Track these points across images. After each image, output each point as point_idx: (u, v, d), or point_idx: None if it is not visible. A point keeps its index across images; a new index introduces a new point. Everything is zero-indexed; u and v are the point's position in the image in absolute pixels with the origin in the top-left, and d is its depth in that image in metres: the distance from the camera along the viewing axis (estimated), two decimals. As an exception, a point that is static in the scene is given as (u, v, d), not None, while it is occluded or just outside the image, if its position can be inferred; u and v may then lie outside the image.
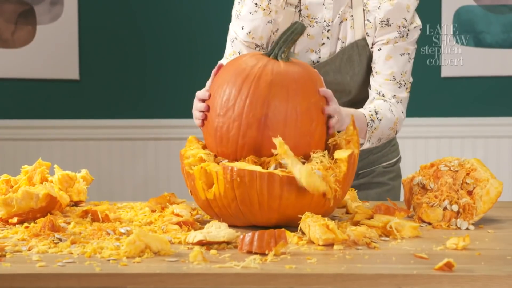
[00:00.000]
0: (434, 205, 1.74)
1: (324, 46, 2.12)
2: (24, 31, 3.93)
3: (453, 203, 1.72)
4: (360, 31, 2.12)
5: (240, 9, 2.12)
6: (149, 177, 3.98)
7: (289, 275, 1.29)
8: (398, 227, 1.58)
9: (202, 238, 1.49)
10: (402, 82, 2.11)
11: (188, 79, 3.97)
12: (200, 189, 1.70)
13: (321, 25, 2.11)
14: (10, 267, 1.35)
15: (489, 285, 1.27)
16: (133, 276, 1.30)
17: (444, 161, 1.84)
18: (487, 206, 1.71)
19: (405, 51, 2.11)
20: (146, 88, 3.97)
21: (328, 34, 2.11)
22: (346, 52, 2.11)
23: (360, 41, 2.11)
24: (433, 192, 1.77)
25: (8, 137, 3.97)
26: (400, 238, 1.57)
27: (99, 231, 1.60)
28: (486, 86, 3.93)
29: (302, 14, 2.11)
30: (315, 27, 2.11)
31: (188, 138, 1.86)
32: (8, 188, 1.89)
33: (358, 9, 2.11)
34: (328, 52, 2.12)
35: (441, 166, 1.81)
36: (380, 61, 2.10)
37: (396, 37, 2.09)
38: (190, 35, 3.95)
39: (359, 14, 2.11)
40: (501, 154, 3.92)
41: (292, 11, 2.10)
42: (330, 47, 2.12)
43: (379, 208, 1.71)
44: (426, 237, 1.59)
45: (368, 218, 1.69)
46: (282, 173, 1.62)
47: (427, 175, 1.81)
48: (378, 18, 2.09)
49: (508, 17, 3.88)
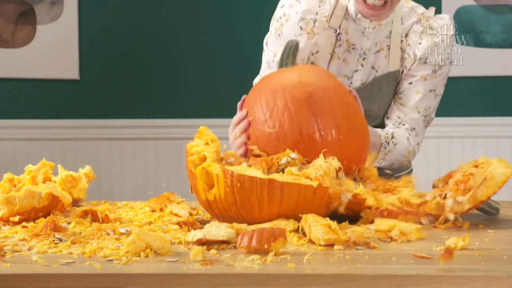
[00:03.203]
0: (435, 196, 1.74)
1: (357, 73, 2.13)
2: (24, 31, 3.93)
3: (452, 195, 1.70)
4: (395, 63, 2.13)
5: (281, 28, 2.11)
6: (149, 177, 3.98)
7: (289, 275, 1.29)
8: (404, 230, 1.57)
9: (202, 236, 1.48)
10: (424, 116, 2.16)
11: (188, 79, 3.97)
12: (201, 189, 1.69)
13: (358, 52, 2.11)
14: (10, 267, 1.35)
15: (489, 285, 1.27)
16: (133, 276, 1.30)
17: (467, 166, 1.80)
18: (492, 190, 1.66)
19: (433, 88, 2.15)
20: (146, 88, 3.97)
21: (363, 62, 2.12)
22: (378, 82, 2.13)
23: (393, 73, 2.13)
24: (440, 189, 1.76)
25: (8, 137, 3.97)
26: (405, 241, 1.55)
27: (99, 231, 1.60)
28: (486, 86, 3.93)
29: (342, 38, 2.11)
30: (352, 53, 2.11)
31: (199, 129, 1.84)
32: (11, 187, 1.89)
33: (396, 41, 2.12)
34: (360, 79, 2.13)
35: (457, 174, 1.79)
36: (409, 93, 2.14)
37: (430, 74, 2.13)
38: (190, 35, 3.95)
39: (396, 46, 2.12)
40: (501, 154, 3.92)
41: (332, 35, 2.10)
42: (362, 75, 2.13)
43: (382, 212, 1.68)
44: (426, 237, 1.59)
45: None
46: (283, 179, 1.61)
47: (443, 179, 1.81)
48: (418, 54, 2.11)
49: (508, 17, 3.88)
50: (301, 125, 1.74)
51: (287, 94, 1.76)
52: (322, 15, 2.08)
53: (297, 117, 1.74)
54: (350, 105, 1.80)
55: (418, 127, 2.16)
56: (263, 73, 2.16)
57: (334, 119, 1.75)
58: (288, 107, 1.75)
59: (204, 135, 1.82)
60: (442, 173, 4.03)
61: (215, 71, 3.96)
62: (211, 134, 1.83)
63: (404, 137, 2.12)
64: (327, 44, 2.10)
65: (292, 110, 1.75)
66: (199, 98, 3.97)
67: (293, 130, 1.74)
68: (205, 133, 1.83)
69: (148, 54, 3.96)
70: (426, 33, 2.10)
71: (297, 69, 1.84)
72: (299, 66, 1.86)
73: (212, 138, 1.81)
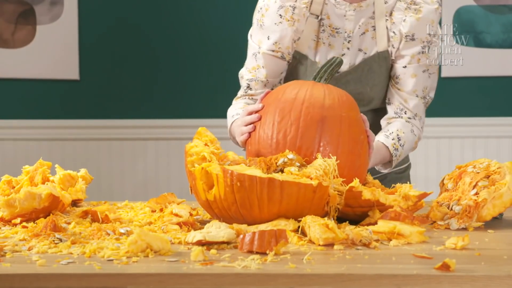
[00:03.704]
0: (443, 204, 1.74)
1: (344, 56, 2.12)
2: (24, 31, 3.93)
3: (459, 204, 1.71)
4: (382, 43, 2.12)
5: (262, 19, 2.12)
6: (149, 177, 3.98)
7: (289, 275, 1.29)
8: (405, 232, 1.56)
9: (201, 238, 1.48)
10: (423, 97, 2.16)
11: (188, 79, 3.97)
12: (200, 190, 1.69)
13: (342, 35, 2.11)
14: (10, 267, 1.35)
15: (489, 285, 1.27)
16: (133, 276, 1.30)
17: (476, 162, 1.81)
18: (498, 209, 1.68)
19: (426, 68, 2.14)
20: (146, 88, 3.97)
21: (348, 45, 2.12)
22: (367, 63, 2.13)
23: (382, 53, 2.12)
24: (449, 192, 1.76)
25: (8, 137, 3.97)
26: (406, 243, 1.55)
27: (99, 231, 1.60)
28: (486, 86, 3.93)
29: (324, 24, 2.11)
30: (336, 38, 2.12)
31: (198, 130, 1.85)
32: (10, 189, 1.89)
33: (381, 21, 2.11)
34: (348, 62, 2.13)
35: (469, 168, 1.79)
36: (405, 78, 2.14)
37: (420, 53, 2.12)
38: (190, 35, 3.95)
39: (381, 26, 2.12)
40: (501, 154, 3.92)
41: (314, 21, 2.11)
42: (350, 58, 2.13)
43: (387, 214, 1.68)
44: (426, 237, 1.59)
45: None
46: (282, 178, 1.62)
47: (453, 176, 1.80)
48: (403, 31, 2.10)
49: (508, 17, 3.88)
50: (303, 142, 1.75)
51: (303, 109, 1.78)
52: (301, 2, 2.09)
53: (302, 133, 1.76)
54: (357, 143, 1.80)
55: (419, 111, 2.17)
56: (248, 66, 2.18)
57: (336, 150, 1.76)
58: (299, 121, 1.77)
59: (203, 136, 1.82)
60: (442, 173, 4.03)
61: (215, 71, 3.96)
62: (210, 134, 1.83)
63: (409, 131, 2.13)
64: (311, 31, 2.11)
65: (301, 125, 1.76)
66: (199, 99, 3.97)
67: (294, 144, 1.75)
68: (204, 134, 1.83)
69: (148, 54, 3.96)
70: (409, 9, 2.09)
71: (326, 89, 1.84)
72: (330, 87, 1.86)
73: (211, 138, 1.82)
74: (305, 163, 1.73)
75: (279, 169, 1.72)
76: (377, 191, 1.68)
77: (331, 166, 1.69)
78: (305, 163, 1.73)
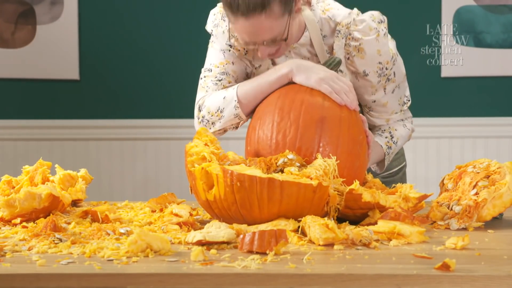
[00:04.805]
0: (443, 204, 1.74)
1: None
2: (24, 31, 3.93)
3: (459, 204, 1.71)
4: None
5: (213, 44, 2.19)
6: (149, 177, 3.98)
7: (289, 275, 1.29)
8: (405, 232, 1.56)
9: (201, 238, 1.49)
10: (402, 105, 2.13)
11: (188, 79, 3.97)
12: (200, 190, 1.69)
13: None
14: (10, 267, 1.35)
15: (489, 285, 1.27)
16: (133, 276, 1.30)
17: (476, 163, 1.81)
18: (498, 209, 1.68)
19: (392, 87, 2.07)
20: (146, 88, 3.98)
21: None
22: None
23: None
24: (449, 192, 1.76)
25: (8, 137, 3.97)
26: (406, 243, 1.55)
27: (99, 231, 1.60)
28: (486, 86, 3.93)
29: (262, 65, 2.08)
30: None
31: (198, 130, 1.85)
32: (10, 189, 1.89)
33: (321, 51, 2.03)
34: None
35: (469, 168, 1.79)
36: (378, 108, 2.09)
37: (379, 82, 2.03)
38: (191, 36, 3.95)
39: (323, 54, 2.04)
40: (501, 154, 3.92)
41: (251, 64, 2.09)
42: None
43: (387, 214, 1.68)
44: (426, 237, 1.59)
45: None
46: (282, 178, 1.62)
47: (453, 176, 1.80)
48: (353, 70, 2.03)
49: (508, 17, 3.88)
50: (302, 143, 1.76)
51: (303, 110, 1.78)
52: (235, 48, 2.08)
53: (302, 134, 1.76)
54: (356, 143, 1.80)
55: (404, 115, 2.16)
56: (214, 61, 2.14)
57: (335, 151, 1.76)
58: (298, 122, 1.77)
59: (203, 136, 1.82)
60: (442, 173, 4.03)
61: (215, 71, 3.95)
62: (210, 134, 1.83)
63: (401, 125, 2.15)
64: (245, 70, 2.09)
65: (301, 126, 1.76)
66: (199, 98, 3.96)
67: (293, 144, 1.75)
68: (204, 134, 1.83)
69: (148, 54, 3.96)
70: (349, 45, 1.99)
71: None
72: None
73: (211, 138, 1.82)
74: (305, 163, 1.73)
75: (279, 169, 1.72)
76: (377, 193, 1.68)
77: (331, 166, 1.69)
78: (305, 163, 1.73)
